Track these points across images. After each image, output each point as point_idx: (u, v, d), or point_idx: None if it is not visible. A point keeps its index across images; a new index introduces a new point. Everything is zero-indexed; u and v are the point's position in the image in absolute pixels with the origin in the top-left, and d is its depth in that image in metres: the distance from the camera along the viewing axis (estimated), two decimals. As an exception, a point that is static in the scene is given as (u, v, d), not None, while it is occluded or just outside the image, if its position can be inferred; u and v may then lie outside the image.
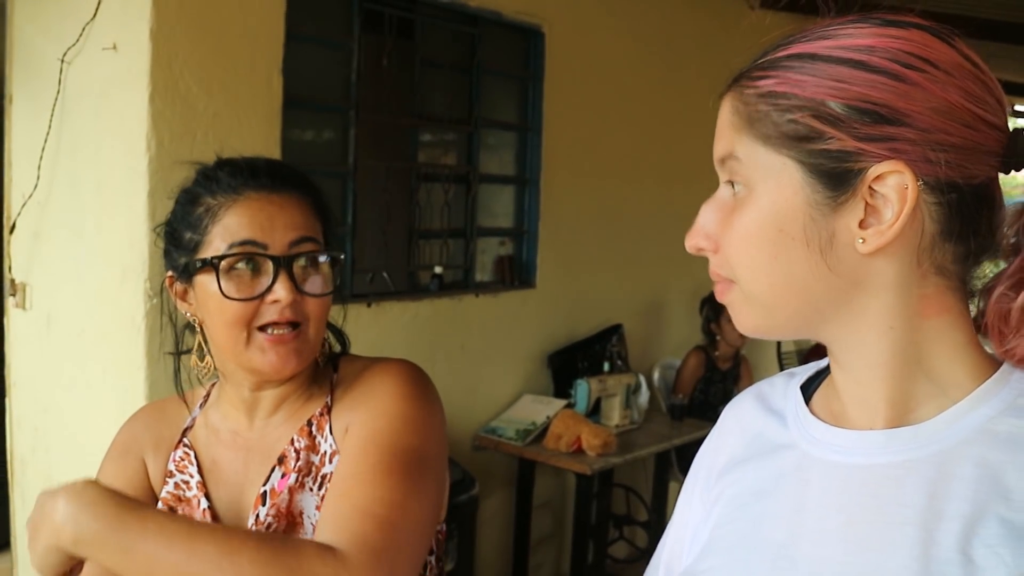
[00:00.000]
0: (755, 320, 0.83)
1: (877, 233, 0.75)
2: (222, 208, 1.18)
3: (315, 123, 3.26)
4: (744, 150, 0.79)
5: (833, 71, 0.75)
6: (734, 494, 0.91)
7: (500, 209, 4.06)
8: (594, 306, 4.34)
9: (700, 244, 0.84)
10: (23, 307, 3.15)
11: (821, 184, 0.76)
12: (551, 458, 3.59)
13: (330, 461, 1.22)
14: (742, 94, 0.80)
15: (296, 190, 1.22)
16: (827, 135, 0.75)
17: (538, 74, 3.98)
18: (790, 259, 0.78)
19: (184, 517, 1.21)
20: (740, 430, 0.97)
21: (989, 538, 0.71)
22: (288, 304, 1.16)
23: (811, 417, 0.88)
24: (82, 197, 2.86)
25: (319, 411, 1.26)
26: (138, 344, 2.65)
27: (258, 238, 1.16)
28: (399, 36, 3.42)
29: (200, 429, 1.33)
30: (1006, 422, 0.76)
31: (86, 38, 2.75)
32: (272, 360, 1.18)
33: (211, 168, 1.24)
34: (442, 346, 3.61)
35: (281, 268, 1.16)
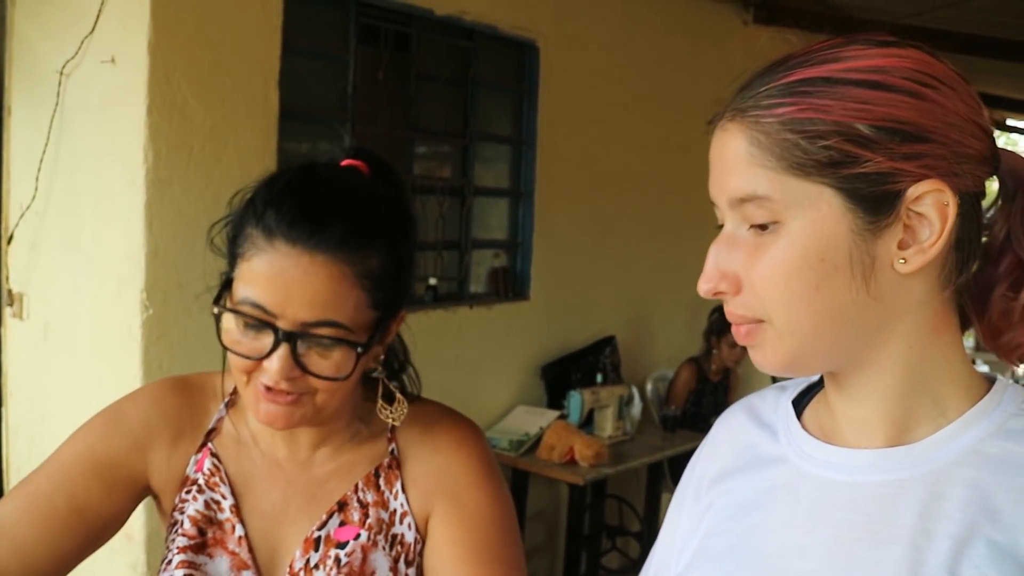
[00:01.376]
0: (787, 357, 0.80)
1: (919, 252, 0.75)
2: (253, 248, 1.04)
3: (311, 135, 3.29)
4: (770, 185, 0.76)
5: (854, 93, 0.74)
6: (724, 505, 0.91)
7: (495, 221, 4.09)
8: (587, 318, 4.36)
9: (719, 288, 0.80)
10: (20, 317, 3.17)
11: (862, 209, 0.74)
12: (544, 469, 3.61)
13: (401, 522, 1.17)
14: (758, 123, 0.77)
15: (340, 252, 1.03)
16: (863, 158, 0.73)
17: (533, 88, 4.02)
18: (833, 288, 0.76)
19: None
20: (731, 442, 0.97)
21: (977, 559, 0.72)
22: (282, 379, 1.04)
23: (803, 432, 0.88)
24: (80, 208, 2.88)
25: (386, 462, 1.19)
26: (134, 354, 2.66)
27: (269, 305, 1.02)
28: (395, 49, 3.45)
29: (228, 437, 1.22)
30: (996, 444, 0.77)
31: (85, 51, 2.78)
32: (262, 412, 1.08)
33: (268, 189, 1.08)
34: (436, 357, 3.62)
35: (283, 343, 1.02)
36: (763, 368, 0.82)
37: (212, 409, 1.24)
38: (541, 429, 3.74)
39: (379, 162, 1.19)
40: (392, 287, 1.09)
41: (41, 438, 3.15)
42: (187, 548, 1.15)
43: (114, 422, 1.20)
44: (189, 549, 1.15)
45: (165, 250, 2.65)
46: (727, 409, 1.04)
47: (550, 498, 4.22)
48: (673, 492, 1.05)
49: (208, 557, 1.16)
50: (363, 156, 1.18)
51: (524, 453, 3.68)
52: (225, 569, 1.16)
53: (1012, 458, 0.76)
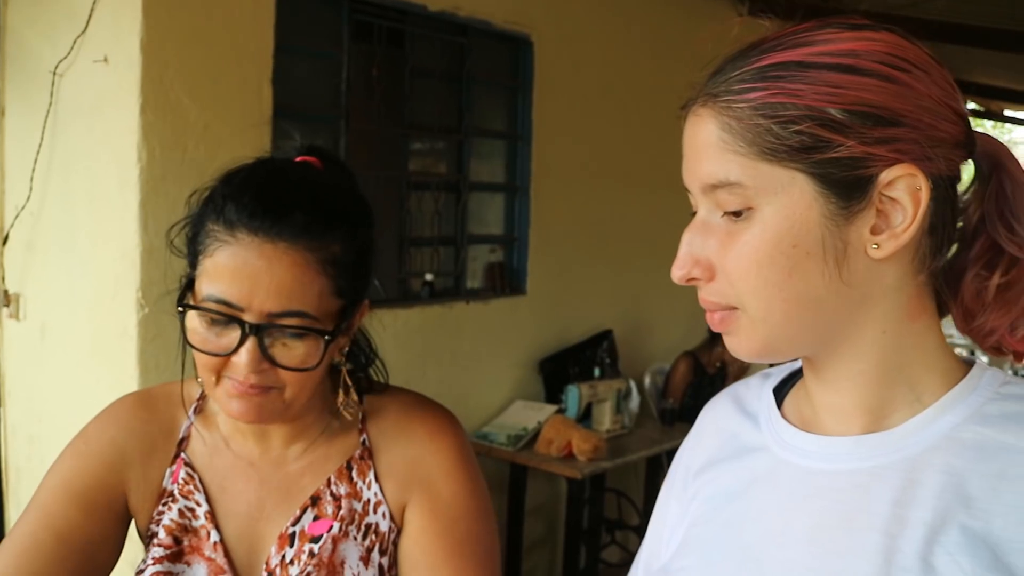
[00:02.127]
0: (761, 344, 0.80)
1: (891, 237, 0.75)
2: (215, 243, 1.04)
3: (306, 133, 3.29)
4: (742, 171, 0.76)
5: (826, 77, 0.74)
6: (709, 494, 0.92)
7: (491, 217, 4.09)
8: (584, 312, 4.37)
9: (693, 274, 0.80)
10: (17, 318, 3.18)
11: (834, 194, 0.74)
12: (542, 463, 3.61)
13: (375, 511, 1.18)
14: (730, 108, 0.77)
15: (301, 239, 1.03)
16: (835, 143, 0.73)
17: (527, 83, 4.02)
18: (805, 274, 0.76)
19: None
20: (716, 431, 0.98)
21: (950, 546, 0.72)
22: (251, 372, 1.04)
23: (782, 421, 0.89)
24: (75, 208, 2.88)
25: (358, 454, 1.20)
26: (131, 353, 2.67)
27: (234, 299, 1.02)
28: (389, 46, 3.45)
29: (198, 444, 1.21)
30: (971, 429, 0.77)
31: (78, 51, 2.78)
32: (234, 408, 1.07)
33: (226, 183, 1.08)
34: (433, 353, 3.63)
35: (250, 336, 1.03)
36: (738, 354, 0.82)
37: (180, 418, 1.23)
38: (539, 423, 3.75)
39: (331, 157, 1.21)
40: (355, 275, 1.11)
41: (40, 437, 3.16)
42: (163, 559, 1.15)
43: (82, 449, 1.19)
44: (165, 559, 1.15)
45: (160, 249, 2.64)
46: (713, 397, 1.04)
47: (549, 492, 4.23)
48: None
49: (186, 565, 1.16)
50: (315, 152, 1.19)
51: (522, 448, 3.68)
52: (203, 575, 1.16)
53: (987, 443, 0.76)
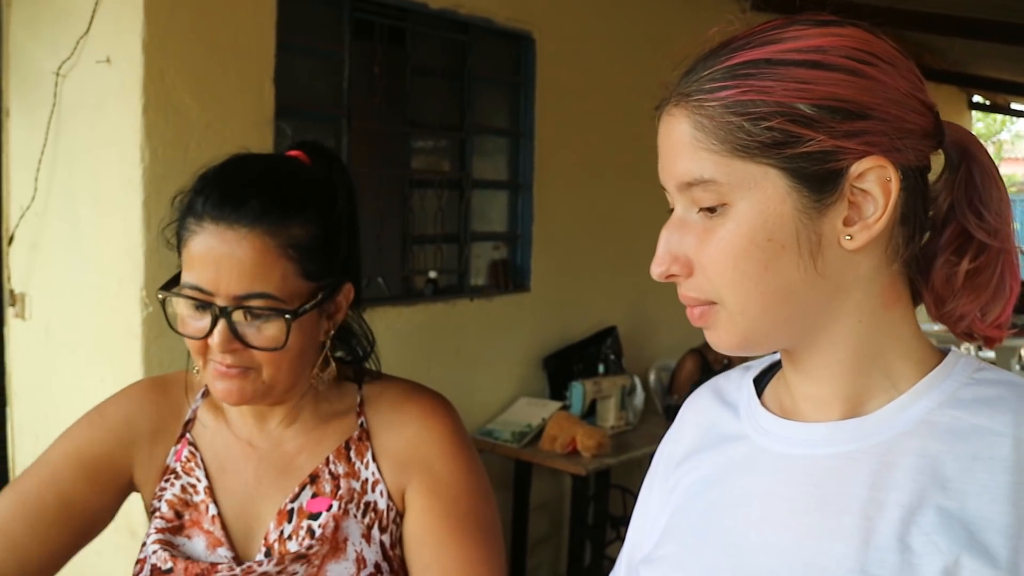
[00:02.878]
0: (739, 337, 0.82)
1: (864, 228, 0.76)
2: (189, 234, 1.12)
3: (308, 131, 3.30)
4: (715, 168, 0.77)
5: (795, 73, 0.75)
6: (689, 483, 0.93)
7: (494, 214, 4.10)
8: (588, 309, 4.37)
9: (671, 270, 0.82)
10: (23, 317, 3.20)
11: (807, 188, 0.76)
12: (546, 459, 3.62)
13: (373, 490, 1.22)
14: (702, 107, 0.78)
15: (257, 225, 1.10)
16: (805, 137, 0.74)
17: (529, 80, 4.03)
18: (781, 267, 0.77)
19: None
20: (697, 421, 0.99)
21: (926, 526, 0.74)
22: (224, 352, 1.12)
23: (761, 409, 0.90)
24: (79, 208, 2.90)
25: (356, 435, 1.25)
26: (135, 351, 2.69)
27: (204, 284, 1.10)
28: (390, 44, 3.46)
29: (202, 425, 1.29)
30: (946, 413, 0.78)
31: (80, 52, 2.80)
32: (219, 389, 1.15)
33: (199, 181, 1.17)
34: (437, 350, 3.64)
35: (220, 319, 1.10)
36: (718, 348, 0.84)
37: (189, 402, 1.31)
38: (543, 420, 3.76)
39: (319, 150, 1.27)
40: (324, 258, 1.17)
41: (46, 436, 3.17)
42: (164, 530, 1.22)
43: (97, 421, 1.28)
44: (167, 531, 1.22)
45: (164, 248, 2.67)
46: (695, 390, 1.05)
47: (554, 489, 4.24)
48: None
49: (186, 538, 1.22)
50: (305, 147, 1.26)
51: (527, 444, 3.69)
52: (202, 548, 1.21)
53: (960, 426, 0.77)
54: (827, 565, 0.77)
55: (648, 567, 0.93)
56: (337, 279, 1.20)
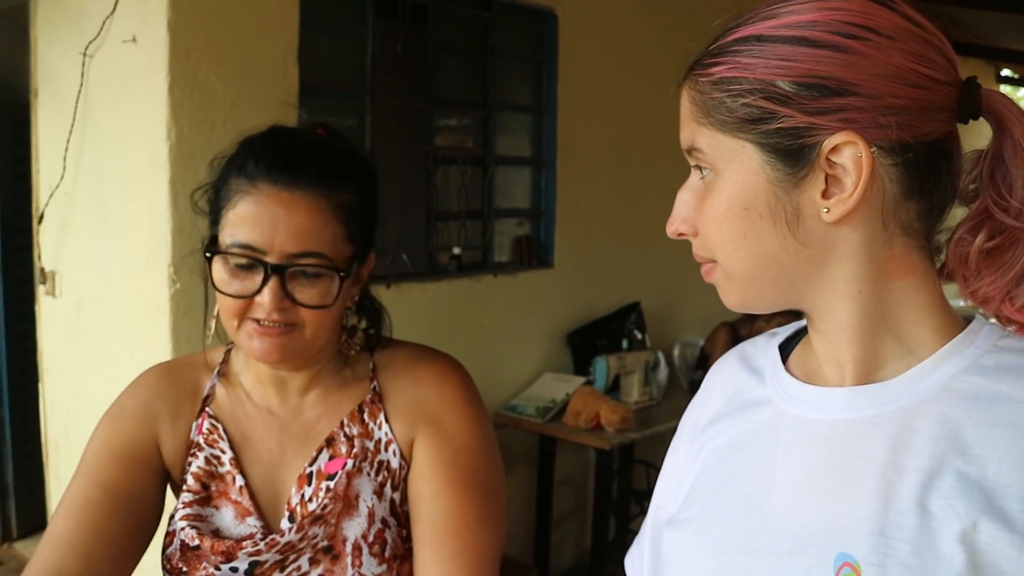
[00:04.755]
0: (737, 296, 0.87)
1: (840, 202, 0.78)
2: (237, 194, 1.16)
3: (331, 109, 3.32)
4: (705, 139, 0.83)
5: (779, 51, 0.78)
6: (715, 447, 0.95)
7: (517, 190, 4.11)
8: (612, 285, 4.38)
9: (680, 229, 0.88)
10: (53, 295, 3.25)
11: (780, 162, 0.79)
12: (570, 434, 3.64)
13: (386, 449, 1.26)
14: (697, 83, 0.83)
15: (315, 188, 1.16)
16: (779, 114, 0.77)
17: (552, 57, 4.02)
18: (758, 235, 0.81)
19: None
20: (723, 387, 1.01)
21: (945, 490, 0.75)
22: (273, 310, 1.15)
23: (785, 374, 0.92)
24: (106, 186, 2.94)
25: (369, 398, 1.28)
26: (163, 327, 2.72)
27: (257, 243, 1.13)
28: (413, 21, 3.46)
29: (223, 399, 1.31)
30: (967, 380, 0.79)
31: (106, 32, 2.83)
32: (256, 348, 1.17)
33: (245, 144, 1.21)
34: (461, 326, 3.67)
35: (273, 276, 1.14)
36: (728, 304, 0.89)
37: (204, 380, 1.34)
38: (567, 395, 3.77)
39: (335, 131, 1.32)
40: (363, 224, 1.23)
41: (77, 412, 3.23)
42: (192, 503, 1.24)
43: (119, 415, 1.30)
44: (195, 503, 1.24)
45: (190, 225, 2.70)
46: (722, 356, 1.07)
47: (578, 464, 4.27)
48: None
49: (214, 509, 1.25)
50: (321, 126, 1.31)
51: (551, 419, 3.71)
52: (230, 518, 1.24)
53: (983, 393, 0.78)
54: (846, 527, 0.78)
55: (672, 528, 0.95)
56: (368, 247, 1.26)
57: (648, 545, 1.03)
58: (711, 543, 0.88)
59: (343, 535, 1.21)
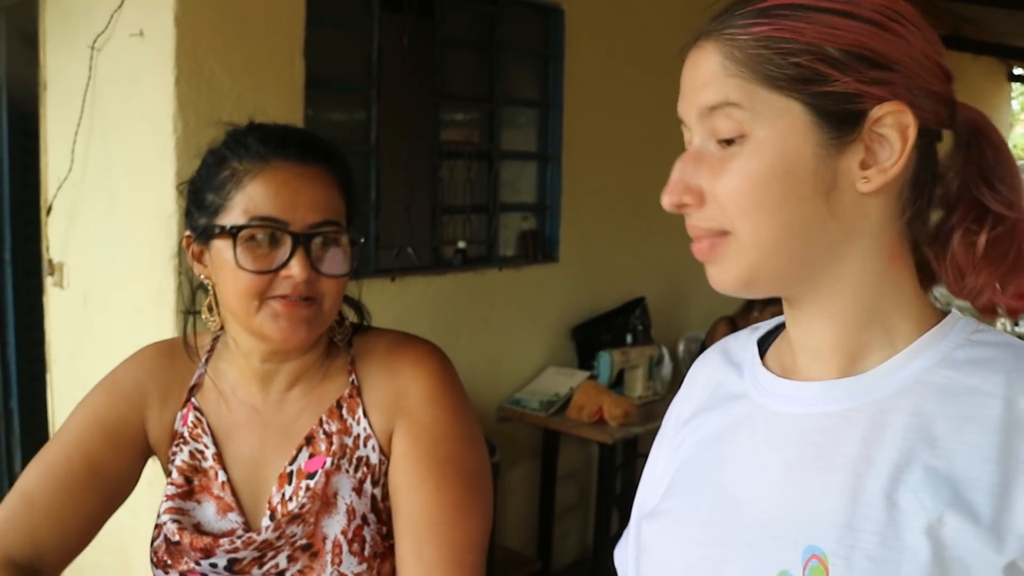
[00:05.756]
0: (746, 271, 0.82)
1: (880, 171, 0.78)
2: (247, 175, 1.17)
3: (338, 103, 3.34)
4: (741, 93, 0.79)
5: (826, 19, 0.78)
6: (694, 441, 0.96)
7: (523, 185, 4.12)
8: (617, 279, 4.39)
9: (683, 200, 0.83)
10: (61, 286, 3.27)
11: (828, 125, 0.78)
12: (573, 428, 3.66)
13: (365, 445, 1.24)
14: (733, 40, 0.80)
15: (324, 164, 1.21)
16: (832, 77, 0.77)
17: (558, 52, 4.02)
18: (796, 202, 0.79)
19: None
20: (704, 381, 1.02)
21: (913, 484, 0.75)
22: (302, 281, 1.15)
23: (762, 369, 0.93)
24: (114, 179, 2.96)
25: (347, 392, 1.27)
26: (168, 319, 2.74)
27: (279, 214, 1.15)
28: (419, 15, 3.47)
29: (209, 391, 1.31)
30: (940, 373, 0.80)
31: (114, 26, 2.85)
32: (282, 327, 1.17)
33: (241, 131, 1.23)
34: (466, 319, 3.68)
35: (300, 245, 1.15)
36: (720, 285, 0.85)
37: (194, 367, 1.34)
38: (571, 389, 3.79)
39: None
40: (353, 206, 1.27)
41: (84, 402, 3.25)
42: (175, 496, 1.25)
43: (112, 388, 1.32)
44: (177, 497, 1.25)
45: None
46: (705, 351, 1.08)
47: (581, 458, 4.28)
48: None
49: (196, 503, 1.25)
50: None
51: (554, 413, 3.73)
52: (212, 513, 1.25)
53: (953, 387, 0.79)
54: (815, 520, 0.79)
55: (651, 520, 0.96)
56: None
57: (633, 539, 1.05)
58: (687, 534, 0.89)
59: (323, 533, 1.20)
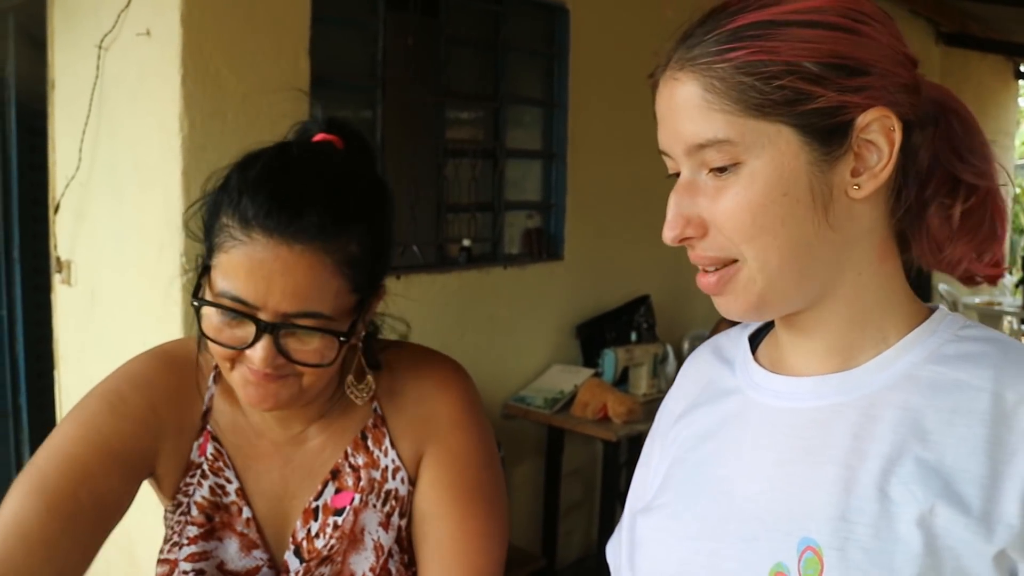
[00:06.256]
0: (756, 297, 0.83)
1: (871, 177, 0.80)
2: (229, 240, 1.02)
3: (343, 102, 3.35)
4: (729, 128, 0.79)
5: (798, 33, 0.78)
6: (687, 436, 0.98)
7: (528, 183, 4.13)
8: (622, 277, 4.40)
9: (687, 233, 0.83)
10: (69, 283, 3.30)
11: (817, 142, 0.78)
12: (578, 425, 3.67)
13: (393, 477, 1.20)
14: (711, 70, 0.79)
15: (317, 240, 1.01)
16: (815, 94, 0.77)
17: (563, 51, 4.04)
18: (796, 221, 0.79)
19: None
20: (697, 377, 1.04)
21: (905, 476, 0.77)
22: (266, 367, 1.04)
23: (754, 364, 0.94)
24: (121, 177, 2.98)
25: (371, 422, 1.21)
26: (175, 316, 2.76)
27: (250, 298, 1.01)
28: (424, 14, 3.49)
29: (222, 416, 1.21)
30: (928, 368, 0.82)
31: (121, 25, 2.87)
32: (250, 394, 1.07)
33: (243, 176, 1.05)
34: (471, 317, 3.70)
35: (265, 334, 1.02)
36: (730, 314, 0.86)
37: (202, 384, 1.22)
38: (575, 387, 3.80)
39: (352, 133, 1.18)
40: (372, 269, 1.10)
41: (91, 399, 3.27)
42: (197, 538, 1.17)
43: (120, 408, 1.15)
44: (199, 538, 1.17)
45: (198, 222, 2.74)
46: (697, 348, 1.09)
47: (586, 455, 4.29)
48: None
49: (218, 541, 1.19)
50: (336, 129, 1.17)
51: (559, 411, 3.74)
52: (235, 550, 1.18)
53: (943, 381, 0.81)
54: (809, 512, 0.80)
55: (645, 515, 0.97)
56: (377, 283, 1.14)
57: (626, 535, 1.06)
58: (682, 529, 0.91)
59: (350, 570, 1.18)
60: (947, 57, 7.71)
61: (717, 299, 0.86)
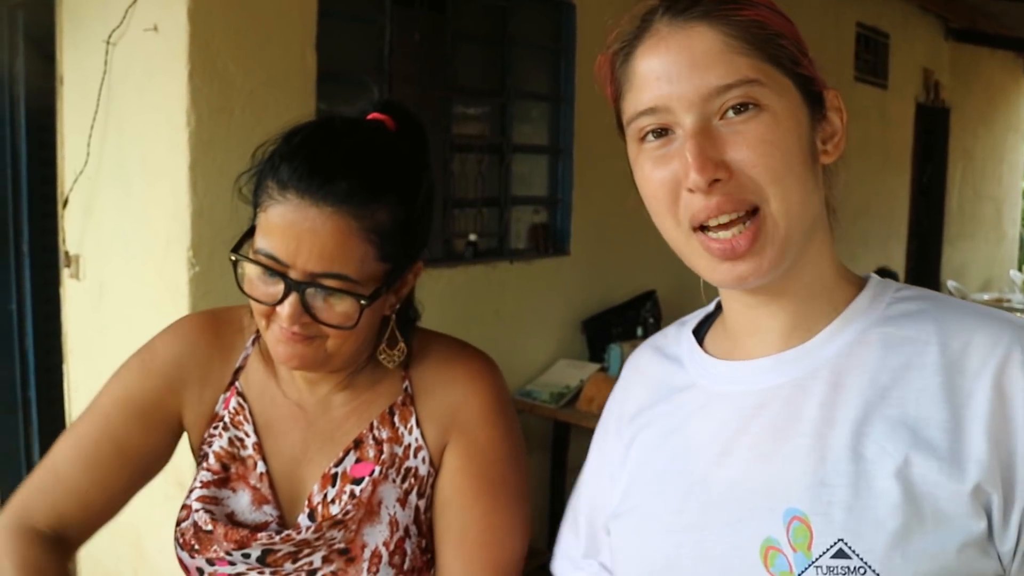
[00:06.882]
0: (780, 245, 0.83)
1: (835, 146, 0.88)
2: (268, 200, 1.09)
3: (349, 97, 3.36)
4: (755, 71, 0.81)
5: (770, 13, 0.86)
6: (646, 437, 0.98)
7: (534, 178, 4.14)
8: (628, 273, 4.41)
9: (718, 174, 0.81)
10: (77, 278, 3.31)
11: (808, 104, 0.85)
12: (583, 420, 3.66)
13: (415, 455, 1.21)
14: (730, 22, 0.82)
15: (344, 205, 1.07)
16: (803, 61, 0.85)
17: (570, 46, 4.04)
18: (806, 169, 0.84)
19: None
20: (643, 379, 1.05)
21: (875, 435, 0.81)
22: (289, 326, 1.10)
23: (706, 356, 0.96)
24: (128, 172, 3.00)
25: (400, 399, 1.23)
26: (183, 310, 2.77)
27: (282, 256, 1.07)
28: (430, 10, 3.50)
29: (254, 376, 1.27)
30: (877, 331, 0.87)
31: (129, 21, 2.88)
32: (280, 352, 1.13)
33: (284, 144, 1.13)
34: (477, 312, 3.71)
35: (293, 292, 1.08)
36: (756, 274, 0.84)
37: (239, 345, 1.29)
38: (581, 381, 3.81)
39: (406, 116, 1.23)
40: (403, 240, 1.13)
41: (100, 393, 3.29)
42: (210, 483, 1.22)
43: (149, 363, 1.26)
44: (212, 484, 1.22)
45: (209, 209, 2.76)
46: (633, 351, 1.11)
47: (593, 450, 4.29)
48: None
49: (231, 491, 1.22)
50: (391, 110, 1.22)
51: (564, 405, 3.75)
52: (246, 503, 1.21)
53: (892, 340, 0.85)
54: (789, 485, 0.83)
55: (618, 521, 0.98)
56: (411, 259, 1.18)
57: (585, 541, 1.07)
58: (662, 526, 0.91)
59: (363, 540, 1.18)
60: (956, 53, 7.69)
61: (740, 265, 0.83)
